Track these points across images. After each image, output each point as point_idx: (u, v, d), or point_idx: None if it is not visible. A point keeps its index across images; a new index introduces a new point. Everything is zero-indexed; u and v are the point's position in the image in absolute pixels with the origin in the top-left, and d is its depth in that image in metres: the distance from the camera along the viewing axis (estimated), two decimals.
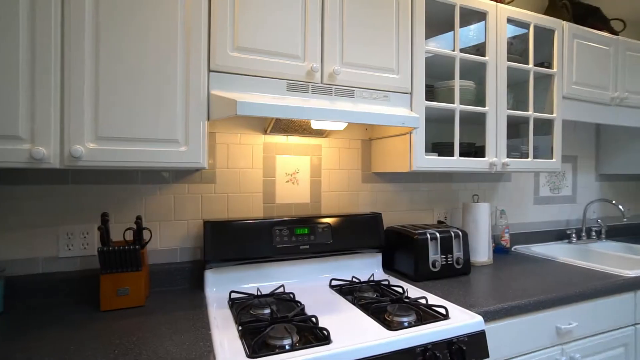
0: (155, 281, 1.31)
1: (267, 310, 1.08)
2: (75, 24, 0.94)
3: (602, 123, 1.91)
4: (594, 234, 2.29)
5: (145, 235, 1.30)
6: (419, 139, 1.37)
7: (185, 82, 1.05)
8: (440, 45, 1.59)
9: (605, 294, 1.36)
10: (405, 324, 1.01)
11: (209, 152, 1.40)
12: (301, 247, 1.38)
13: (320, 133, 1.54)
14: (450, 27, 1.65)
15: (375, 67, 1.31)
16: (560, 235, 2.24)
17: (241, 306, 1.13)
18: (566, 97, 1.74)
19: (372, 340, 0.90)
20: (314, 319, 0.99)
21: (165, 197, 1.34)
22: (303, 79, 1.20)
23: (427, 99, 1.46)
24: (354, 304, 1.17)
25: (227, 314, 1.09)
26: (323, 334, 0.92)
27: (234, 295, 1.24)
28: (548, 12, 2.04)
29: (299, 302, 1.15)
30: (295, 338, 0.90)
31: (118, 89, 0.98)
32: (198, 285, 1.36)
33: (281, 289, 1.31)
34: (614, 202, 2.07)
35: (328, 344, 0.88)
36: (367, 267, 1.54)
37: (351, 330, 0.97)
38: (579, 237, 2.26)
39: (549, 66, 1.73)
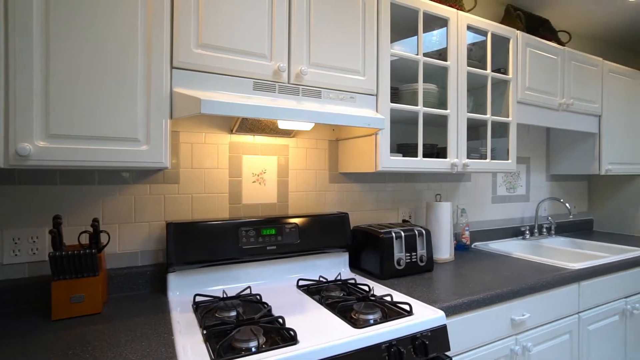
0: (114, 287, 1.25)
1: (233, 313, 1.06)
2: (21, 9, 0.87)
3: (551, 127, 2.05)
4: (544, 230, 2.46)
5: (103, 238, 1.24)
6: (384, 140, 1.41)
7: (146, 78, 1.01)
8: (405, 49, 1.64)
9: (553, 286, 1.47)
10: (371, 321, 1.03)
11: (172, 152, 1.36)
12: (268, 248, 1.37)
13: (287, 133, 1.53)
14: (414, 32, 1.70)
15: (342, 68, 1.33)
16: (515, 232, 2.38)
17: (206, 309, 1.10)
18: (520, 101, 1.85)
19: (339, 339, 0.91)
20: (280, 320, 0.98)
21: (125, 199, 1.28)
22: (270, 78, 1.19)
23: (392, 101, 1.50)
24: (321, 303, 1.17)
25: (192, 317, 1.06)
26: (290, 334, 0.92)
27: (198, 299, 1.21)
28: (504, 21, 2.16)
29: (265, 303, 1.14)
30: (262, 340, 0.89)
31: (72, 84, 0.93)
32: (161, 289, 1.31)
33: (248, 291, 1.29)
34: (561, 200, 2.23)
35: (295, 344, 0.88)
36: (334, 267, 1.56)
37: (318, 329, 0.97)
38: (531, 234, 2.41)
39: (505, 72, 1.83)
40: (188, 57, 1.06)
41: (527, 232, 2.33)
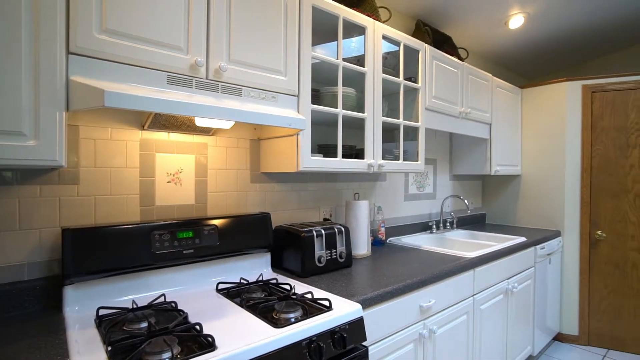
0: None
1: (144, 324, 0.98)
2: None
3: (453, 132, 2.30)
4: (448, 224, 2.75)
5: None
6: (306, 140, 1.43)
7: (34, 63, 0.88)
8: (326, 52, 1.69)
9: (454, 274, 1.65)
10: (292, 319, 1.04)
11: (70, 148, 1.20)
12: (185, 252, 1.29)
13: (206, 131, 1.47)
14: (335, 37, 1.76)
15: (264, 67, 1.31)
16: (424, 226, 2.63)
17: (112, 323, 1.00)
18: (428, 108, 2.05)
19: (259, 341, 0.90)
20: (197, 327, 0.94)
21: (7, 202, 1.09)
22: (186, 72, 1.12)
23: (313, 103, 1.54)
24: (241, 306, 1.15)
25: (94, 334, 0.95)
26: (208, 341, 0.89)
27: (102, 312, 1.09)
28: (415, 34, 2.36)
29: (181, 310, 1.08)
30: (177, 350, 0.84)
31: None
32: (56, 305, 1.15)
33: (162, 299, 1.21)
34: (461, 197, 2.52)
35: (213, 350, 0.85)
36: (256, 268, 1.54)
37: (238, 333, 0.95)
38: (437, 228, 2.69)
39: (415, 81, 2.00)
40: (88, 42, 0.95)
41: (434, 227, 2.59)
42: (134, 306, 1.09)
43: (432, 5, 2.37)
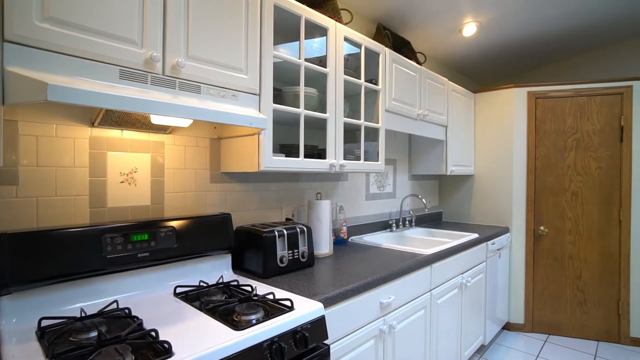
0: None
1: (94, 333, 0.92)
2: None
3: (412, 133, 2.39)
4: (407, 222, 2.85)
5: None
6: (267, 139, 1.42)
7: None
8: (288, 52, 1.69)
9: (412, 270, 1.71)
10: (253, 321, 1.03)
11: (7, 146, 1.10)
12: (140, 255, 1.23)
13: (163, 129, 1.41)
14: (297, 37, 1.76)
15: (224, 65, 1.29)
16: (385, 225, 2.70)
17: (56, 334, 0.93)
18: (388, 110, 2.11)
19: (218, 344, 0.88)
20: (153, 333, 0.90)
21: None
22: (140, 67, 1.07)
23: (275, 102, 1.53)
24: (201, 309, 1.12)
25: (35, 347, 0.88)
26: (164, 347, 0.85)
27: (45, 323, 1.01)
28: (375, 38, 2.42)
29: (136, 317, 1.02)
30: (130, 358, 0.80)
31: None
32: None
33: (114, 305, 1.14)
34: (419, 196, 2.62)
35: (169, 357, 0.82)
36: (216, 270, 1.50)
37: (197, 337, 0.92)
38: (397, 226, 2.77)
39: (376, 83, 2.05)
40: (28, 30, 0.88)
41: (394, 225, 2.67)
42: (83, 314, 1.02)
43: (392, 10, 2.44)
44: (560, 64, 3.78)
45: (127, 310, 1.08)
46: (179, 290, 1.31)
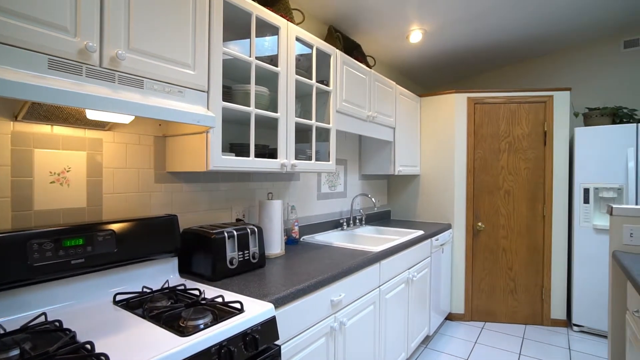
0: None
1: (15, 352, 0.83)
2: None
3: (362, 134, 2.45)
4: (357, 221, 2.92)
5: None
6: (216, 138, 1.38)
7: None
8: (239, 49, 1.65)
9: (362, 267, 1.76)
10: (201, 326, 0.99)
11: None
12: (73, 262, 1.13)
13: (100, 125, 1.31)
14: (248, 35, 1.73)
15: (170, 59, 1.22)
16: (336, 224, 2.74)
17: None
18: (339, 111, 2.15)
19: (162, 352, 0.84)
20: (88, 346, 0.83)
21: None
22: (74, 57, 0.98)
23: (224, 100, 1.49)
24: (144, 317, 1.06)
25: None
26: None
27: None
28: (327, 39, 2.45)
29: (67, 330, 0.94)
30: None
31: None
32: None
33: (42, 318, 1.04)
34: (369, 195, 2.70)
35: None
36: (161, 274, 1.43)
37: (139, 347, 0.87)
38: (348, 225, 2.83)
39: (327, 84, 2.08)
40: None
41: (345, 224, 2.72)
42: (2, 331, 0.92)
43: (343, 12, 2.49)
44: (496, 73, 4.12)
45: (57, 323, 0.99)
46: (119, 297, 1.22)
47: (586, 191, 2.94)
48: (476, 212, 3.20)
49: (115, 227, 1.26)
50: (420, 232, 2.61)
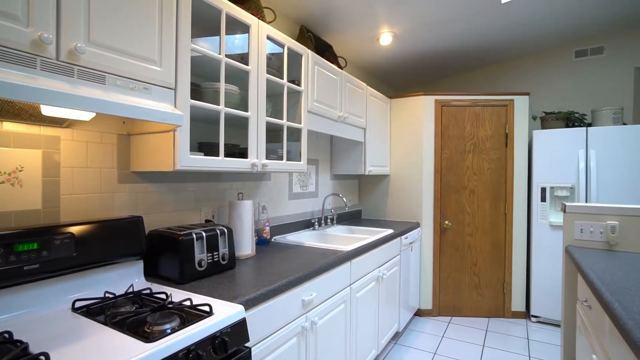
0: None
1: None
2: None
3: (333, 134, 2.47)
4: (329, 220, 2.94)
5: None
6: (184, 137, 1.34)
7: None
8: (208, 46, 1.61)
9: (333, 267, 1.78)
10: (168, 330, 0.96)
11: None
12: (26, 268, 1.06)
13: (58, 122, 1.23)
14: (218, 32, 1.69)
15: (134, 54, 1.18)
16: (307, 224, 2.75)
17: None
18: (310, 111, 2.15)
19: None
20: (42, 357, 0.78)
21: None
22: (26, 49, 0.92)
23: (193, 98, 1.45)
24: (105, 323, 1.01)
25: None
26: None
27: None
28: (298, 39, 2.44)
29: (19, 341, 0.88)
30: None
31: None
32: None
33: None
34: (340, 195, 2.73)
35: None
36: (125, 278, 1.37)
37: (99, 355, 0.83)
38: (319, 224, 2.84)
39: (298, 84, 2.08)
40: None
41: (316, 223, 2.73)
42: None
43: (314, 13, 2.49)
44: (462, 76, 4.28)
45: (6, 335, 0.92)
46: (78, 304, 1.16)
47: (543, 190, 3.13)
48: (443, 211, 3.31)
49: (74, 229, 1.20)
50: (390, 231, 2.66)
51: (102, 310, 1.11)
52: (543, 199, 3.12)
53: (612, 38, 3.48)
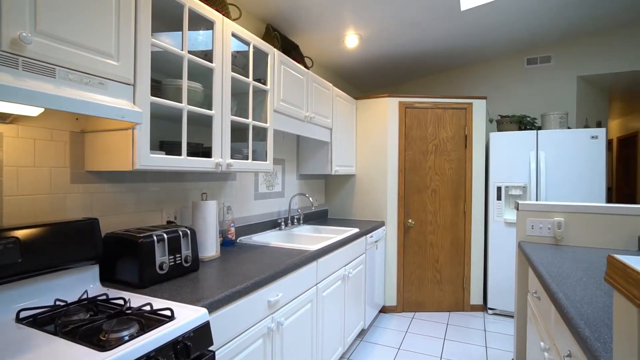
0: None
1: None
2: None
3: (300, 134, 2.47)
4: (295, 220, 2.94)
5: None
6: (144, 135, 1.29)
7: None
8: (170, 42, 1.55)
9: (299, 267, 1.78)
10: (126, 338, 0.92)
11: None
12: None
13: (1, 117, 1.14)
14: (181, 27, 1.64)
15: (88, 47, 1.11)
16: (274, 224, 2.73)
17: None
18: (276, 110, 2.13)
19: None
20: None
21: None
22: None
23: (153, 95, 1.39)
24: (56, 333, 0.95)
25: None
26: None
27: None
28: (264, 38, 2.42)
29: None
30: None
31: None
32: None
33: None
34: (307, 195, 2.73)
35: None
36: (79, 284, 1.29)
37: None
38: (286, 224, 2.83)
39: (264, 83, 2.05)
40: None
41: (283, 223, 2.72)
42: None
43: (281, 12, 2.48)
44: (425, 80, 4.43)
45: None
46: (23, 314, 1.08)
47: (499, 189, 3.31)
48: (407, 210, 3.41)
49: (19, 233, 1.11)
50: (355, 230, 2.70)
51: (52, 320, 1.04)
52: (499, 198, 3.31)
53: (558, 48, 3.76)
